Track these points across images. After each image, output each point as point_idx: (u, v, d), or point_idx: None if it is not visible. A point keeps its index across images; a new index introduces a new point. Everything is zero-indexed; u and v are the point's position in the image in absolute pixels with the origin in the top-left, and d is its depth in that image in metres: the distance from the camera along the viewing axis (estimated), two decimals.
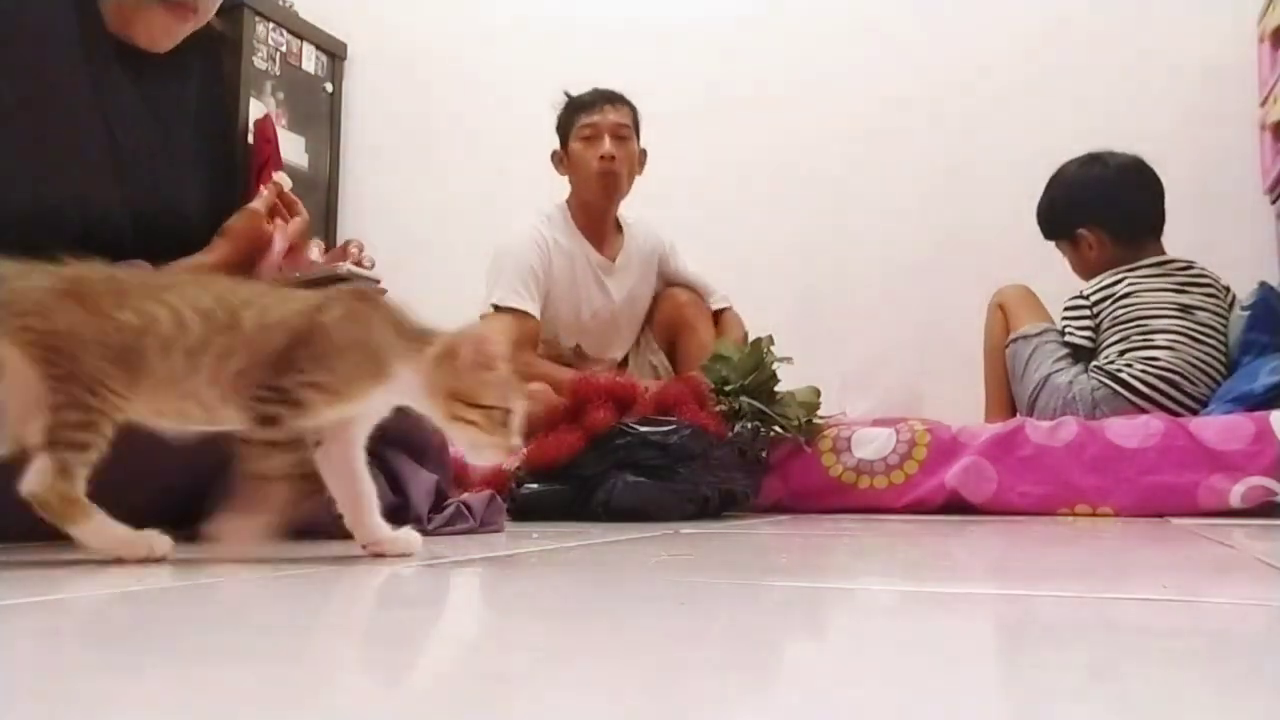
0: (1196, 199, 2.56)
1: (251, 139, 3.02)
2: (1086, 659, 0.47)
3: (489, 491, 1.37)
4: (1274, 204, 2.67)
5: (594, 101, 2.42)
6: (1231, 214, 2.72)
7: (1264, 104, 2.68)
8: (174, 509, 0.90)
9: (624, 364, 2.48)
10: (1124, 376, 2.17)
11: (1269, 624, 0.58)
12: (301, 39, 3.38)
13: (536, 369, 2.09)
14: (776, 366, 2.04)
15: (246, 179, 2.66)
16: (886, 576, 0.92)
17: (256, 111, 3.08)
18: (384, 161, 3.48)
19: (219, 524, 0.86)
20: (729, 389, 2.01)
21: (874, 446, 2.04)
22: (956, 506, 1.95)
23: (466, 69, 3.44)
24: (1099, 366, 2.22)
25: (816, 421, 2.10)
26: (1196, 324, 2.20)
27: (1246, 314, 2.15)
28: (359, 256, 1.34)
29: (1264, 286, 2.18)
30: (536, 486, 1.76)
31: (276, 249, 1.31)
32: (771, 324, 2.17)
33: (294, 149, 3.25)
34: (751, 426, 2.00)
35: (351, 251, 1.34)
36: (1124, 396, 2.15)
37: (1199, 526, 1.55)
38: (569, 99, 2.47)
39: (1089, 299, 2.30)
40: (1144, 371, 2.16)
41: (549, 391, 1.93)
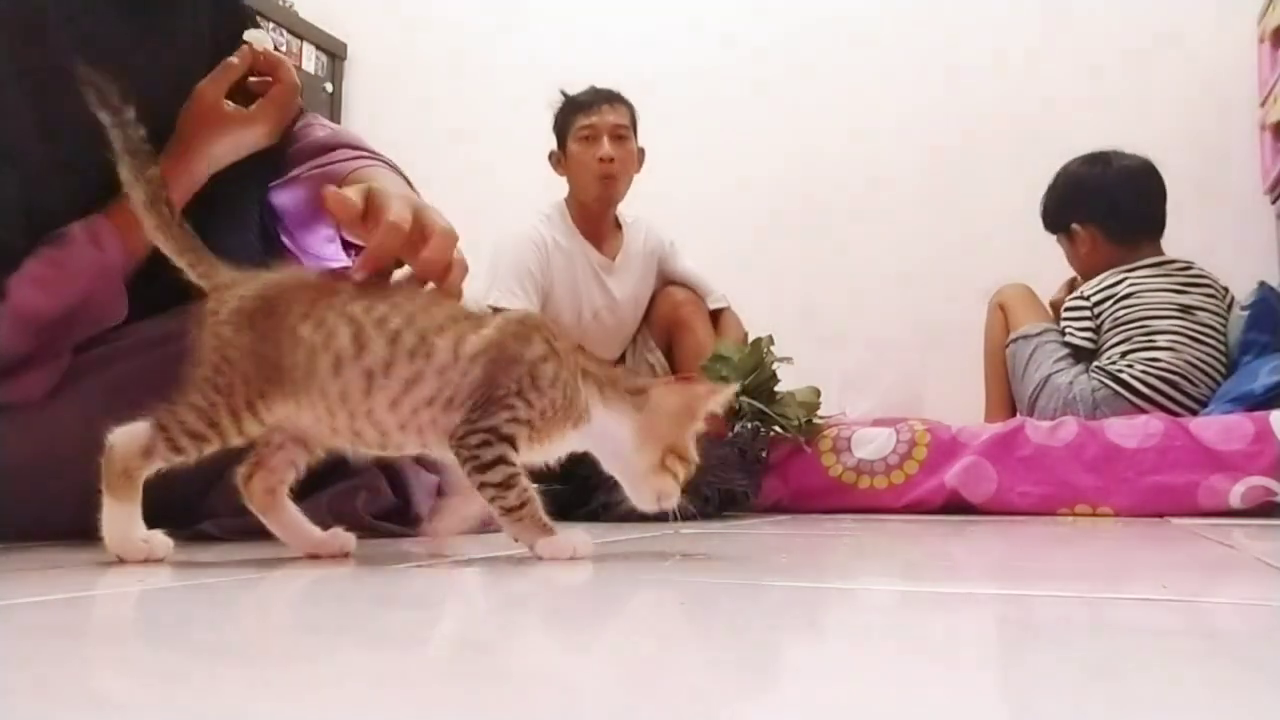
0: (1196, 199, 2.56)
1: None
2: (1086, 659, 0.47)
3: None
4: (1274, 204, 2.67)
5: (592, 102, 2.41)
6: (1231, 214, 2.73)
7: (1264, 104, 2.69)
8: (174, 509, 0.90)
9: (621, 363, 2.47)
10: (1125, 377, 2.17)
11: (1269, 624, 0.58)
12: (301, 39, 3.38)
13: None
14: (776, 366, 2.04)
15: None
16: (886, 576, 0.92)
17: None
18: None
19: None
20: None
21: (874, 446, 2.04)
22: (956, 506, 1.95)
23: (466, 69, 3.44)
24: (1100, 367, 2.22)
25: (816, 421, 2.10)
26: (1197, 324, 2.21)
27: (1246, 314, 2.15)
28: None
29: (1264, 286, 2.18)
30: (536, 486, 1.75)
31: (257, 130, 1.16)
32: (771, 324, 2.17)
33: None
34: (751, 426, 2.00)
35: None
36: (1125, 397, 2.16)
37: (1199, 526, 1.55)
38: (566, 98, 2.46)
39: (1089, 300, 2.30)
40: (1145, 373, 2.16)
41: None
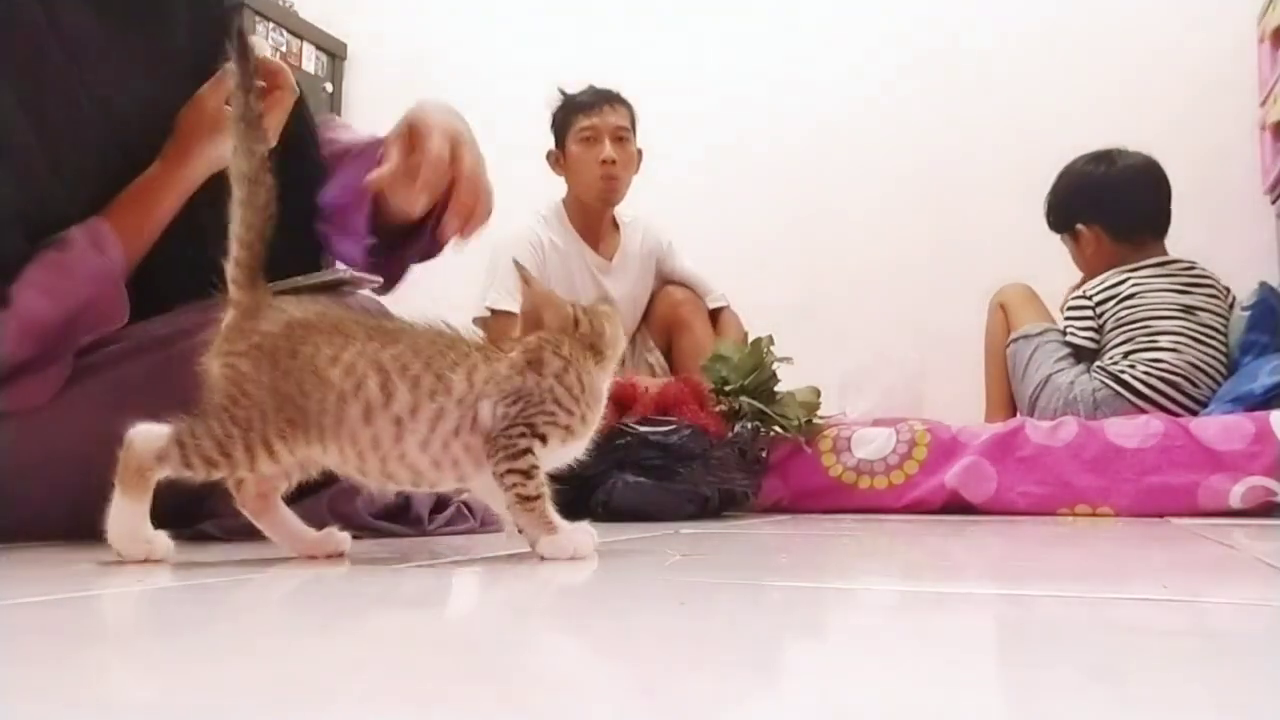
0: (1196, 199, 2.56)
1: None
2: (1086, 659, 0.47)
3: None
4: (1274, 204, 2.67)
5: (593, 103, 2.40)
6: (1231, 214, 2.73)
7: (1264, 104, 2.69)
8: (174, 509, 0.90)
9: (620, 363, 2.47)
10: (1127, 378, 2.17)
11: (1269, 624, 0.58)
12: (301, 39, 3.38)
13: None
14: (776, 366, 2.04)
15: None
16: (886, 576, 0.92)
17: None
18: None
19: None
20: (729, 389, 2.01)
21: (874, 446, 2.04)
22: (956, 506, 1.95)
23: (466, 69, 3.44)
24: (1102, 367, 2.22)
25: (816, 421, 2.10)
26: (1199, 325, 2.20)
27: (1247, 314, 2.15)
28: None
29: (1264, 287, 2.18)
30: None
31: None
32: (771, 324, 2.17)
33: None
34: (751, 426, 2.00)
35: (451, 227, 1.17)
36: (1126, 397, 2.16)
37: (1199, 526, 1.55)
38: (565, 98, 2.45)
39: (1092, 299, 2.30)
40: (1147, 373, 2.16)
41: None
